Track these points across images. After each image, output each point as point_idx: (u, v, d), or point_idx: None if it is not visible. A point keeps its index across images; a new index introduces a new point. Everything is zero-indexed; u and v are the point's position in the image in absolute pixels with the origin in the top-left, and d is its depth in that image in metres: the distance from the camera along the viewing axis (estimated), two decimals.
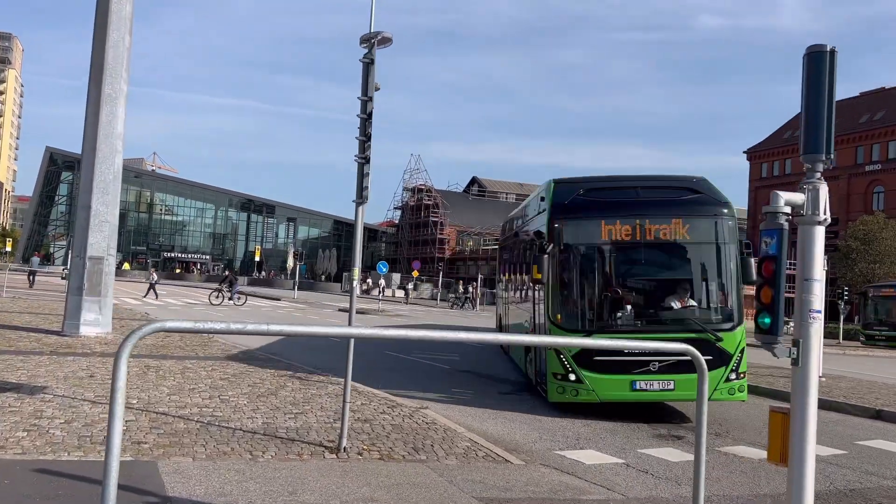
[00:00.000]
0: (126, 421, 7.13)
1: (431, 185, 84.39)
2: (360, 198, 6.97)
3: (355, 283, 6.99)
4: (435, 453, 6.94)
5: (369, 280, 65.35)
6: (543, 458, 7.38)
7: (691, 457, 7.69)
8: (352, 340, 7.03)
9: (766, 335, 3.81)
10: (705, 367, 4.01)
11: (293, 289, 52.36)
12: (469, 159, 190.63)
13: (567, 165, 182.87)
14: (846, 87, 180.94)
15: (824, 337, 37.29)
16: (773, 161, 76.62)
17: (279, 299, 43.06)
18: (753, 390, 13.04)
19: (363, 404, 8.86)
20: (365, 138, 6.98)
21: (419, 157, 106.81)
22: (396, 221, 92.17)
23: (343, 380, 7.29)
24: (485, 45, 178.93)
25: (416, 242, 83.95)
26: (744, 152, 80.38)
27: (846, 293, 38.32)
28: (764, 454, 8.21)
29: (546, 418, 9.52)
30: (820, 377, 15.05)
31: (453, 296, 50.85)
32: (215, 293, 33.34)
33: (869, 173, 65.99)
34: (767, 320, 3.76)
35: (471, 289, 49.17)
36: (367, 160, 6.94)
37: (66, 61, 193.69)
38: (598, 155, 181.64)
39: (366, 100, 6.99)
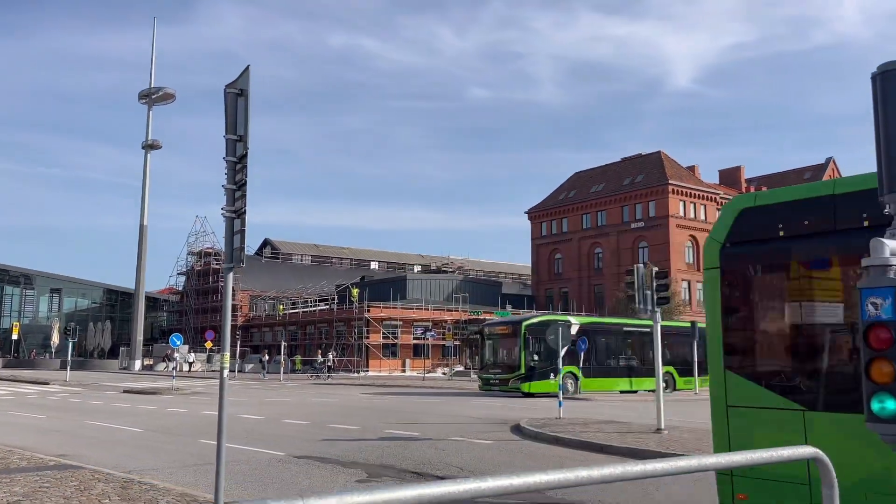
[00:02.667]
0: None
1: (219, 249, 79.83)
2: (231, 260, 5.51)
3: (226, 372, 5.45)
4: None
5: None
6: None
7: None
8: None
9: (890, 424, 3.07)
10: None
11: (62, 369, 46.03)
12: (258, 221, 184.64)
13: (357, 226, 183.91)
14: (603, 154, 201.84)
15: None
16: (552, 220, 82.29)
17: (48, 382, 37.43)
18: None
19: None
20: (234, 186, 5.58)
21: (205, 218, 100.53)
22: (180, 288, 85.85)
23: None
24: (267, 108, 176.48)
25: (204, 310, 78.53)
26: (525, 213, 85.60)
27: None
28: None
29: None
30: None
31: (310, 365, 52.60)
32: None
33: (634, 230, 72.66)
34: (891, 405, 3.03)
35: (331, 356, 50.95)
36: (240, 213, 5.52)
37: None
38: (382, 217, 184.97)
39: (234, 139, 5.61)
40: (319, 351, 55.13)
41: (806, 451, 2.96)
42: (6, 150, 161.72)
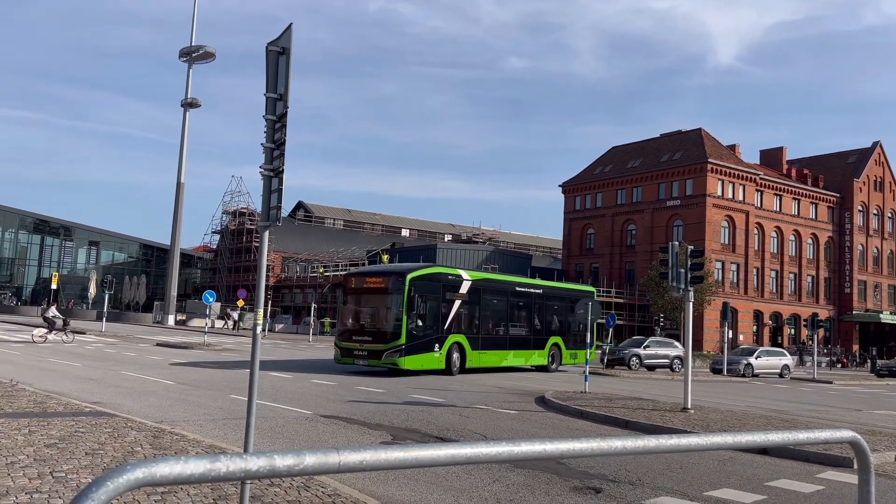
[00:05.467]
0: None
1: (255, 209, 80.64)
2: (268, 219, 5.53)
3: (258, 329, 5.51)
4: None
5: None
6: None
7: None
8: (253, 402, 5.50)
9: None
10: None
11: (98, 320, 47.14)
12: (293, 184, 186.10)
13: (389, 193, 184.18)
14: (640, 129, 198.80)
15: None
16: (586, 195, 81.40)
17: (84, 332, 38.35)
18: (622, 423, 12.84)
19: None
20: (273, 145, 5.58)
21: (241, 178, 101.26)
22: (214, 246, 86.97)
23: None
24: (303, 72, 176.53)
25: (237, 269, 79.57)
26: (559, 186, 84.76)
27: None
28: None
29: (450, 475, 8.40)
30: None
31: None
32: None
33: (670, 208, 71.72)
34: None
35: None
36: (277, 172, 5.53)
37: None
38: (415, 185, 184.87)
39: (275, 97, 5.59)
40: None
41: (844, 434, 2.90)
42: (44, 102, 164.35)
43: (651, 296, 55.86)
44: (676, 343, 36.35)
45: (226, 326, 60.26)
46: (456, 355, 22.81)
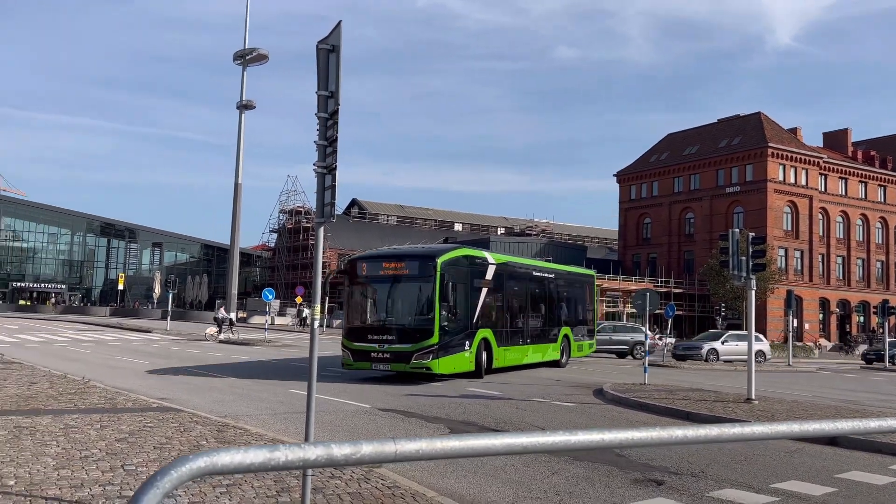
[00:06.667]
0: None
1: (310, 207, 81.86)
2: (322, 215, 5.60)
3: (315, 324, 5.59)
4: None
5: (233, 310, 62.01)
6: None
7: None
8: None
9: None
10: None
11: (163, 319, 48.60)
12: (346, 181, 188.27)
13: (441, 188, 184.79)
14: (696, 116, 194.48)
15: None
16: (642, 184, 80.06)
17: (150, 331, 39.62)
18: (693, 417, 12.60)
19: None
20: (325, 142, 5.64)
21: (296, 178, 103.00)
22: (272, 245, 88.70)
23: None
24: (353, 70, 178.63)
25: (294, 266, 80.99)
26: (613, 175, 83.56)
27: None
28: (758, 498, 7.51)
29: (508, 467, 8.39)
30: None
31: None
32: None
33: (730, 195, 70.01)
34: None
35: None
36: (330, 169, 5.59)
37: None
38: (467, 179, 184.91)
39: (326, 95, 5.65)
40: None
41: None
42: (109, 110, 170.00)
43: (711, 285, 54.66)
44: (761, 336, 34.21)
45: (298, 324, 60.84)
46: (484, 354, 19.03)
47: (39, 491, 5.97)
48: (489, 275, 19.67)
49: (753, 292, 15.48)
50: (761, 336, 32.62)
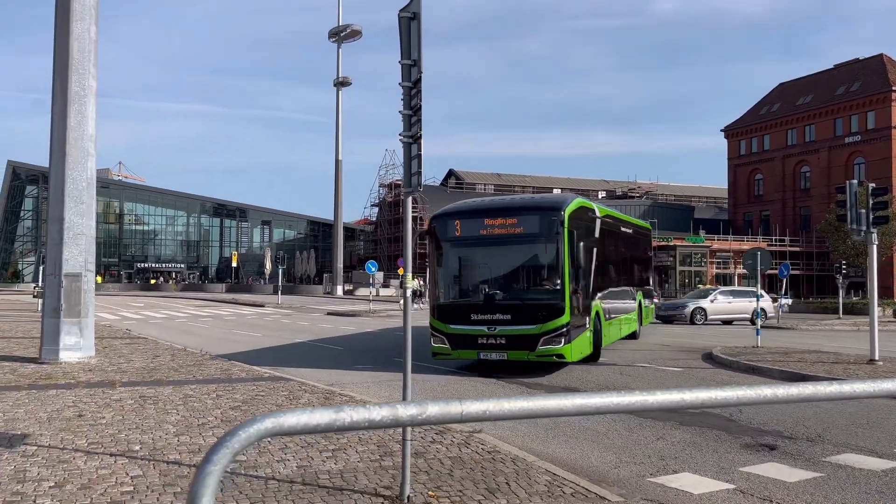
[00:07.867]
0: (132, 477, 5.75)
1: None
2: (409, 185, 5.63)
3: (408, 290, 5.65)
4: (515, 494, 5.64)
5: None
6: (642, 489, 6.12)
7: (805, 474, 6.51)
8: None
9: None
10: None
11: (275, 293, 50.67)
12: (442, 153, 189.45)
13: (539, 154, 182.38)
14: (810, 63, 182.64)
15: (817, 312, 34.83)
16: (752, 138, 76.30)
17: (263, 305, 41.43)
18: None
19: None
20: (411, 111, 5.64)
21: (394, 152, 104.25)
22: (374, 219, 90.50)
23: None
24: (443, 40, 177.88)
25: (395, 239, 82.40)
26: (721, 130, 79.98)
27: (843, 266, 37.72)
28: (881, 463, 7.08)
29: (611, 433, 8.27)
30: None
31: None
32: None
33: (849, 145, 65.68)
34: None
35: None
36: (416, 139, 5.60)
37: (22, 74, 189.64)
38: (565, 143, 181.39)
39: (409, 64, 5.64)
40: None
41: None
42: (217, 95, 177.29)
43: (831, 241, 51.66)
44: (762, 293, 27.62)
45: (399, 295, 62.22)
46: (595, 332, 14.91)
47: (162, 455, 6.38)
48: (597, 231, 15.44)
49: (875, 247, 14.48)
50: (763, 292, 27.67)
